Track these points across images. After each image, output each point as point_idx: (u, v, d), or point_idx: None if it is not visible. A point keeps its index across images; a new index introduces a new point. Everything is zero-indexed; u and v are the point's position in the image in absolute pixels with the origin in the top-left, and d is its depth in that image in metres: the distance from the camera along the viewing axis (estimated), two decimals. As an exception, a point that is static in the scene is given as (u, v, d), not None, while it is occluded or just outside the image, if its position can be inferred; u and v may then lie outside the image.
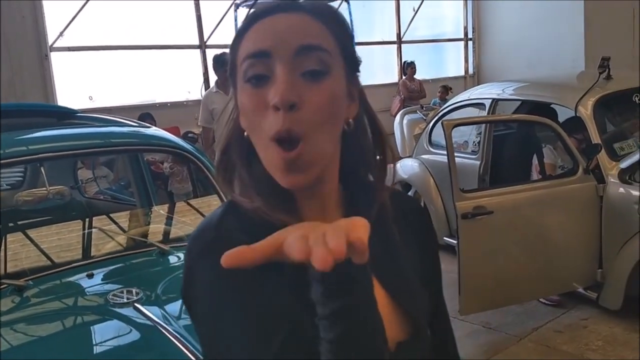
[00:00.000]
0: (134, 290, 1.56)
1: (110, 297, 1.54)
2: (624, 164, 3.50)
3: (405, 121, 5.98)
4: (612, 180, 3.52)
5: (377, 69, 10.18)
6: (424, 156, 5.14)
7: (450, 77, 10.98)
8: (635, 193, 3.40)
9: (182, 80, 7.54)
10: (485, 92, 4.91)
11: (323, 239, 0.56)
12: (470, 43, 11.60)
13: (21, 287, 1.61)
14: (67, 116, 2.62)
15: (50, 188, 2.22)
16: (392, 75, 10.15)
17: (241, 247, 0.58)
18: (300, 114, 0.69)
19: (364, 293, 0.64)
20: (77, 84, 6.48)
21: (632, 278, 3.37)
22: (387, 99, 9.19)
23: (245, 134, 0.75)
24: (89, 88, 6.52)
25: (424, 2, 10.44)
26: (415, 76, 9.31)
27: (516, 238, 3.38)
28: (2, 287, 1.60)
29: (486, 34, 11.40)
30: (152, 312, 1.46)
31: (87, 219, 2.55)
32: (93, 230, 2.17)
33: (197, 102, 7.06)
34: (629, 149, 3.69)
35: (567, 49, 9.68)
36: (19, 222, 2.24)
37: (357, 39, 6.52)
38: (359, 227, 0.59)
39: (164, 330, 1.41)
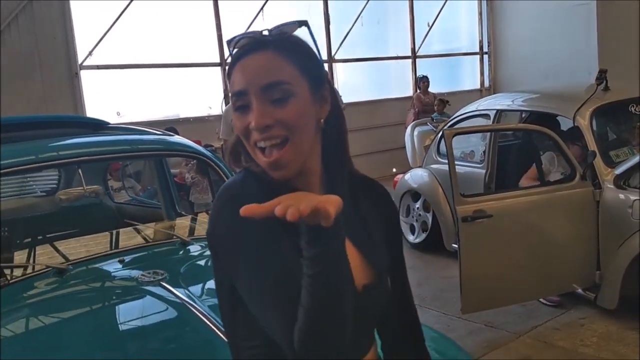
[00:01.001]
0: (159, 272, 1.82)
1: (139, 277, 1.81)
2: (619, 170, 3.69)
3: (415, 133, 6.20)
4: (608, 185, 3.70)
5: (392, 83, 10.44)
6: (433, 166, 5.36)
7: (465, 91, 11.19)
8: (630, 197, 3.58)
9: (204, 97, 7.90)
10: (492, 103, 5.13)
11: (298, 203, 0.82)
12: (485, 57, 11.82)
13: (62, 270, 1.89)
14: (100, 127, 2.92)
15: (87, 187, 2.50)
16: (407, 90, 10.39)
17: (253, 205, 0.84)
18: (274, 131, 0.96)
19: (337, 245, 0.90)
20: (105, 101, 6.85)
21: (626, 278, 3.54)
22: (402, 113, 9.44)
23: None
24: (116, 104, 6.89)
25: (439, 17, 10.72)
26: (429, 90, 9.54)
27: (515, 240, 3.57)
28: (46, 269, 1.89)
29: (501, 48, 11.60)
30: (178, 292, 1.71)
31: (116, 220, 2.84)
32: (123, 224, 2.44)
33: (217, 117, 7.41)
34: (624, 156, 3.87)
35: (581, 61, 9.80)
36: (60, 222, 2.52)
37: (372, 54, 6.80)
38: (330, 201, 0.85)
39: (191, 307, 1.65)
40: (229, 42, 1.02)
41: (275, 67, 0.98)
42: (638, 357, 3.13)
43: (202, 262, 2.02)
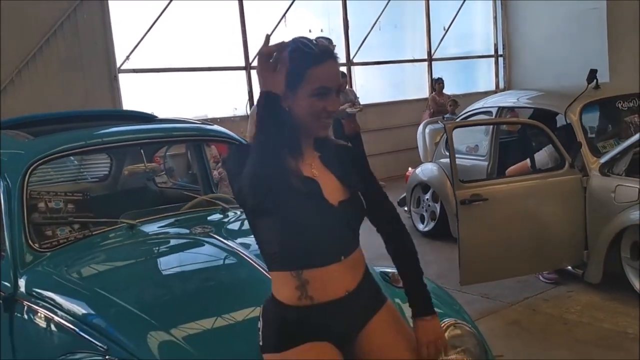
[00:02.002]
0: (207, 226, 2.33)
1: (192, 229, 2.32)
2: (604, 159, 4.12)
3: (427, 131, 6.65)
4: (594, 173, 4.13)
5: (408, 85, 10.90)
6: (441, 160, 5.81)
7: (480, 92, 11.57)
8: (612, 183, 4.01)
9: (230, 98, 8.47)
10: (497, 100, 5.58)
11: None
12: (500, 59, 12.21)
13: (132, 225, 2.41)
14: (148, 119, 3.47)
15: (147, 164, 3.03)
16: (423, 91, 10.83)
17: None
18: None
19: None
20: (141, 102, 7.44)
21: (610, 256, 3.96)
22: (418, 114, 9.88)
23: (287, 108, 1.51)
24: (151, 105, 7.47)
25: (454, 21, 11.15)
26: (444, 91, 9.98)
27: (508, 221, 4.01)
28: (121, 224, 2.42)
29: (516, 50, 11.97)
30: (226, 241, 2.21)
31: (159, 200, 3.36)
32: (177, 193, 2.97)
33: (243, 118, 7.97)
34: (610, 147, 4.29)
35: (592, 63, 10.06)
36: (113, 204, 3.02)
37: (389, 58, 7.32)
38: None
39: (240, 252, 2.11)
40: (303, 43, 1.51)
41: (339, 73, 1.60)
42: (612, 323, 3.56)
43: (239, 223, 2.52)
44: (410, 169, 6.49)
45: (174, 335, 1.77)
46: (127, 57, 7.42)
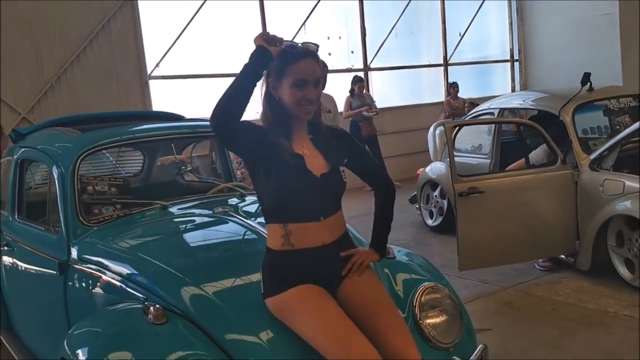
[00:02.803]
0: (226, 207, 2.75)
1: (215, 209, 2.75)
2: (593, 155, 4.45)
3: (437, 132, 6.99)
4: (584, 168, 4.46)
5: (424, 90, 11.26)
6: (448, 159, 6.16)
7: (497, 96, 11.83)
8: (601, 178, 4.34)
9: (252, 103, 8.90)
10: (503, 102, 5.92)
11: None
12: (516, 64, 12.48)
13: (165, 206, 2.86)
14: (176, 119, 3.93)
15: (177, 156, 3.48)
16: (439, 96, 11.17)
17: None
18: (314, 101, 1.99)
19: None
20: (170, 106, 7.94)
21: (599, 246, 4.28)
22: (434, 117, 10.21)
23: (276, 94, 1.96)
24: (179, 109, 7.95)
25: (470, 27, 11.47)
26: (459, 95, 10.31)
27: (504, 212, 4.36)
28: (155, 205, 2.88)
29: (531, 55, 12.24)
30: (245, 219, 2.63)
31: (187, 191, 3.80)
32: (201, 185, 3.42)
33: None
34: (601, 145, 4.61)
35: (605, 68, 10.34)
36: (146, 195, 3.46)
37: (405, 63, 7.80)
38: None
39: (257, 228, 2.52)
40: (290, 45, 1.95)
41: (318, 69, 1.99)
42: (596, 304, 3.89)
43: (256, 206, 2.93)
44: (421, 168, 6.86)
45: (202, 288, 2.19)
46: (157, 65, 7.97)
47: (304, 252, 2.02)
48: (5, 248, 3.37)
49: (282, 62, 1.96)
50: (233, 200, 3.02)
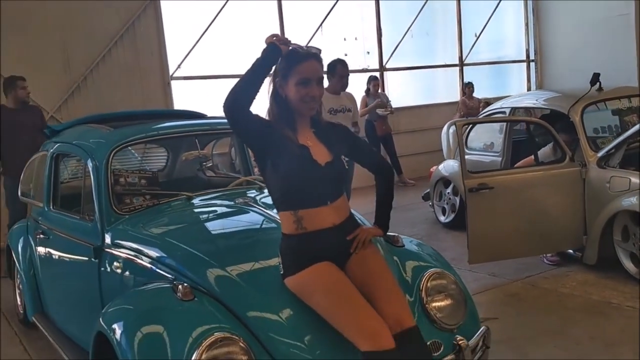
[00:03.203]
0: (246, 199, 2.96)
1: (236, 200, 2.96)
2: (600, 153, 4.58)
3: (450, 131, 7.14)
4: (592, 166, 4.60)
5: (440, 90, 11.39)
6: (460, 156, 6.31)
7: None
8: (607, 175, 4.47)
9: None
10: (516, 101, 6.06)
11: None
12: (532, 64, 12.55)
13: (190, 197, 3.08)
14: (200, 117, 4.16)
15: (201, 151, 3.70)
16: (454, 95, 11.29)
17: None
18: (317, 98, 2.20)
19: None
20: (191, 106, 8.17)
21: (605, 241, 4.41)
22: (449, 117, 10.34)
23: (282, 93, 2.19)
24: (200, 109, 8.20)
25: (486, 28, 11.58)
26: (474, 95, 10.43)
27: (512, 208, 4.51)
28: (181, 196, 3.10)
29: (547, 55, 12.31)
30: (263, 209, 2.84)
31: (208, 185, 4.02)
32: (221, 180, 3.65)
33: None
34: (608, 143, 4.74)
35: (621, 69, 10.39)
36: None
37: (421, 63, 7.98)
38: None
39: (276, 218, 2.73)
40: (295, 48, 2.19)
41: (320, 69, 2.21)
42: (600, 295, 4.03)
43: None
44: (434, 166, 7.02)
45: (226, 270, 2.39)
46: (179, 66, 8.23)
47: (317, 234, 2.23)
48: (42, 236, 3.62)
49: (288, 63, 2.21)
50: (252, 193, 3.23)
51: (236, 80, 2.19)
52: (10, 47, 6.94)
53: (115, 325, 2.30)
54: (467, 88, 10.40)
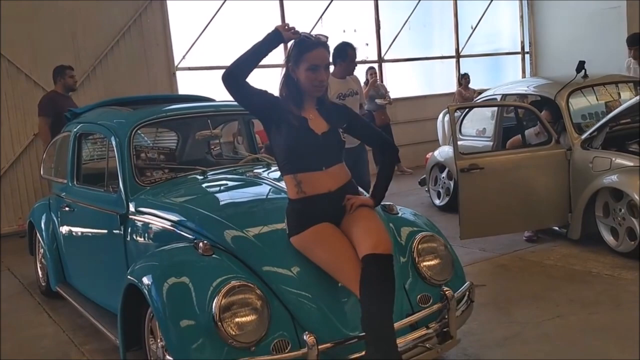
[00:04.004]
0: (255, 172, 3.28)
1: (247, 173, 3.27)
2: (584, 136, 4.89)
3: (446, 118, 7.45)
4: (576, 148, 4.91)
5: (437, 81, 11.70)
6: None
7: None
8: (590, 156, 4.78)
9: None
10: (507, 88, 6.36)
11: None
12: (527, 56, 12.85)
13: (204, 171, 3.40)
14: (210, 101, 4.46)
15: (212, 130, 3.99)
16: (451, 86, 11.59)
17: None
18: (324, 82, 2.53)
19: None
20: (195, 94, 8.50)
21: (586, 216, 4.73)
22: (445, 107, 10.59)
23: (294, 76, 2.51)
24: (204, 97, 8.52)
25: (482, 20, 11.87)
26: (470, 86, 10.73)
27: (502, 187, 4.82)
28: (196, 170, 3.41)
29: (541, 47, 12.62)
30: (271, 181, 3.14)
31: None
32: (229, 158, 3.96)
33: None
34: (591, 126, 5.04)
35: (613, 60, 10.69)
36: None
37: (418, 55, 8.31)
38: None
39: (284, 189, 3.03)
40: (305, 36, 2.49)
41: (327, 56, 2.52)
42: (582, 266, 4.35)
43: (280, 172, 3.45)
44: (430, 153, 7.32)
45: (241, 231, 2.70)
46: (184, 57, 8.52)
47: (315, 198, 2.55)
48: (67, 209, 3.93)
49: (299, 50, 2.53)
50: (261, 168, 3.54)
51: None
52: (23, 39, 7.25)
53: (144, 278, 2.61)
54: (463, 79, 10.70)
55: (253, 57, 2.50)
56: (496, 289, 4.01)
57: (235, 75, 2.50)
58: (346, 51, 4.97)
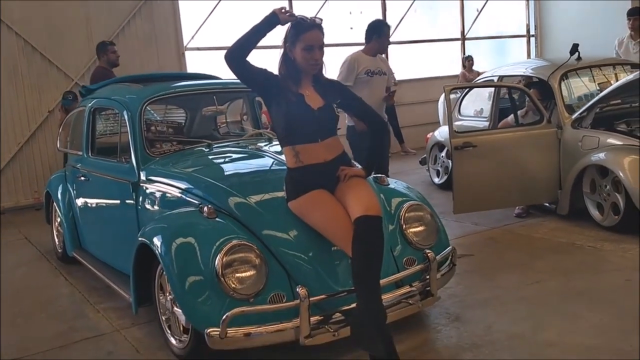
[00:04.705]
0: (257, 145, 3.53)
1: (249, 146, 3.53)
2: (574, 116, 5.09)
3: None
4: (567, 127, 5.11)
5: (442, 62, 11.84)
6: (455, 123, 6.82)
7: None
8: (580, 135, 4.99)
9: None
10: (506, 70, 6.54)
11: None
12: (532, 39, 12.94)
13: (210, 144, 3.66)
14: (215, 79, 4.71)
15: (218, 106, 4.25)
16: (456, 68, 11.72)
17: None
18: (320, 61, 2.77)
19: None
20: (203, 74, 8.73)
21: (574, 193, 4.96)
22: (448, 88, 10.80)
23: (291, 55, 2.75)
24: (212, 77, 8.76)
25: (487, 3, 11.96)
26: (474, 68, 10.87)
27: (494, 164, 5.03)
28: (202, 143, 3.67)
29: (547, 30, 12.70)
30: (271, 154, 3.40)
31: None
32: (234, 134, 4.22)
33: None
34: (582, 107, 5.24)
35: (616, 42, 10.79)
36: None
37: (424, 37, 8.46)
38: None
39: (283, 161, 3.28)
40: (302, 18, 2.71)
41: (322, 37, 2.73)
42: (567, 238, 4.59)
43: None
44: (430, 133, 7.53)
45: (243, 197, 2.96)
46: (192, 37, 8.74)
47: (312, 167, 2.81)
48: (82, 178, 4.22)
49: (296, 31, 2.77)
50: (263, 143, 3.79)
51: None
52: (38, 19, 7.50)
53: (155, 238, 2.89)
54: (467, 61, 10.85)
55: (252, 38, 2.74)
56: (483, 258, 4.27)
57: (236, 55, 2.76)
58: (382, 28, 5.04)
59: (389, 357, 2.48)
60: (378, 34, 4.99)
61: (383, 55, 5.26)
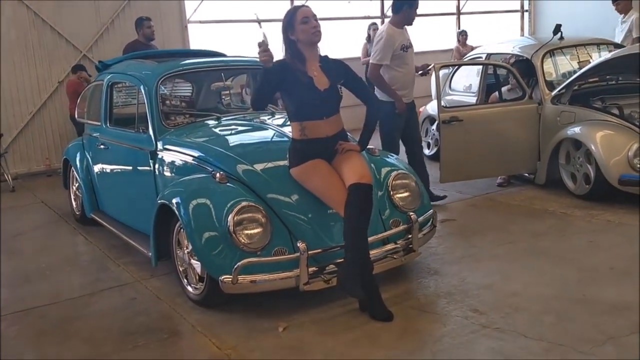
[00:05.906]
0: (262, 118, 3.95)
1: (254, 119, 3.94)
2: (554, 92, 5.50)
3: (440, 74, 8.01)
4: (547, 103, 5.52)
5: (437, 37, 12.13)
6: (446, 97, 7.22)
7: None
8: (558, 110, 5.40)
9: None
10: (495, 47, 6.90)
11: None
12: (526, 14, 13.21)
13: (219, 117, 4.07)
14: (222, 56, 5.09)
15: (225, 82, 4.63)
16: (451, 43, 12.03)
17: None
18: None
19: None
20: (206, 48, 9.02)
21: (551, 164, 5.40)
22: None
23: (293, 37, 3.17)
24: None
25: (483, -22, 12.21)
26: (468, 42, 11.19)
27: (478, 137, 5.45)
28: (212, 116, 4.08)
29: (540, 6, 12.96)
30: (275, 127, 3.81)
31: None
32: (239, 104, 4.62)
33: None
34: (561, 84, 5.64)
35: (610, 20, 11.06)
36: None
37: (419, 11, 8.67)
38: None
39: (286, 133, 3.68)
40: (293, 8, 3.15)
41: (311, 10, 3.23)
42: (541, 205, 5.05)
43: (283, 120, 4.10)
44: (422, 107, 7.92)
45: (250, 165, 3.39)
46: (195, 10, 9.03)
47: (315, 141, 3.22)
48: (102, 147, 4.63)
49: (289, 18, 3.18)
50: (266, 116, 4.20)
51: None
52: (48, -7, 7.80)
53: (174, 200, 3.32)
54: (461, 36, 11.17)
55: (264, 89, 3.21)
56: (464, 222, 4.73)
57: (259, 106, 3.32)
58: None
59: (372, 302, 2.97)
60: (410, 5, 4.81)
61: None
